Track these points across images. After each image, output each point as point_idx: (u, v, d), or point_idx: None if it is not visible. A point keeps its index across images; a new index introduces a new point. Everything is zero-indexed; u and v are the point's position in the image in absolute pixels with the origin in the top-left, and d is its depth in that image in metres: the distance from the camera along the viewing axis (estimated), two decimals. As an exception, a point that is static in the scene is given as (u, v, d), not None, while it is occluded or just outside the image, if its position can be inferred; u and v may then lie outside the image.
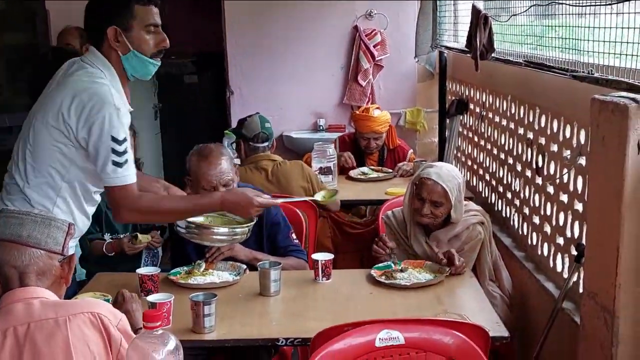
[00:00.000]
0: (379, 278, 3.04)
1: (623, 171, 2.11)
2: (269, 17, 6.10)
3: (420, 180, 3.26)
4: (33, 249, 1.95)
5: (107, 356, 1.91)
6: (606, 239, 2.24)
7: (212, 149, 3.31)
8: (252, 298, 2.94)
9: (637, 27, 2.55)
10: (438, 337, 2.25)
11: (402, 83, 6.24)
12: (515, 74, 3.81)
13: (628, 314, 2.19)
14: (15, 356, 1.83)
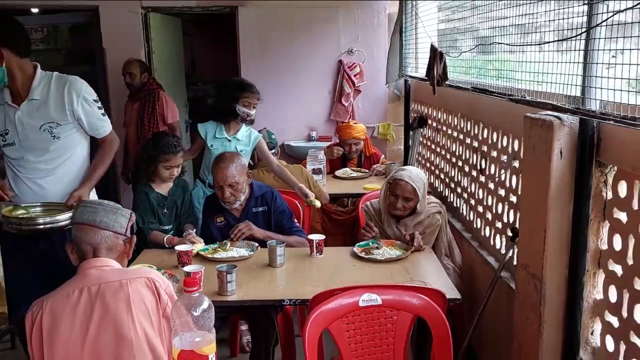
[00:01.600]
0: (360, 254, 3.08)
1: (550, 172, 2.15)
2: (273, 52, 6.12)
3: (394, 180, 3.29)
4: (104, 231, 2.06)
5: (157, 311, 1.98)
6: (536, 224, 2.27)
7: (225, 157, 3.34)
8: (263, 269, 2.98)
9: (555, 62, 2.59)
10: (407, 298, 2.28)
11: (375, 103, 6.25)
12: (464, 97, 3.83)
13: (553, 280, 2.22)
14: (88, 308, 1.90)
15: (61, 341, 1.89)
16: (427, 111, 4.95)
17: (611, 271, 2.12)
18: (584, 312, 2.22)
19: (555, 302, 2.23)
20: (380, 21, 6.15)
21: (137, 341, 1.91)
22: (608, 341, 2.15)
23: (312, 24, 6.10)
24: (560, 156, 2.13)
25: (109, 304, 1.91)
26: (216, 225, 3.45)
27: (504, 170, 3.18)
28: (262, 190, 3.51)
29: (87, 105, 2.90)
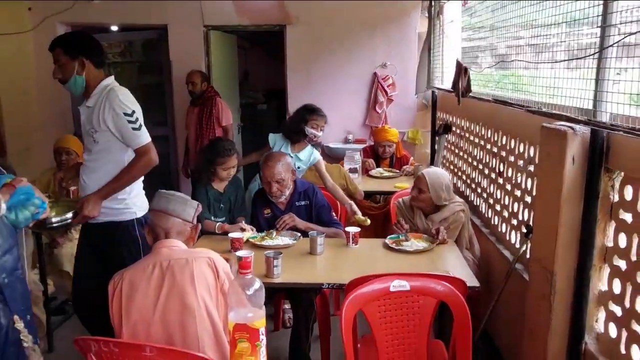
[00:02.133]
0: (391, 245, 3.06)
1: (562, 176, 2.12)
2: (316, 65, 6.13)
3: (417, 176, 3.30)
4: (174, 218, 2.16)
5: (215, 286, 2.06)
6: (549, 222, 2.24)
7: (274, 157, 3.37)
8: (305, 256, 2.99)
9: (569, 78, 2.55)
10: (432, 285, 2.26)
11: (406, 111, 6.21)
12: (485, 107, 3.78)
13: (562, 273, 2.19)
14: (160, 279, 2.01)
15: (137, 305, 1.99)
16: (452, 119, 4.90)
17: (616, 266, 2.10)
18: (590, 301, 2.20)
19: (564, 292, 2.21)
20: (411, 39, 6.11)
21: (198, 309, 1.98)
22: (611, 328, 2.13)
23: (351, 40, 6.09)
24: (572, 162, 2.10)
25: (176, 277, 1.99)
26: (264, 216, 3.48)
27: (520, 174, 3.14)
28: (304, 186, 3.53)
29: (116, 117, 2.75)
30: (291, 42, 6.12)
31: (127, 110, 2.75)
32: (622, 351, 2.04)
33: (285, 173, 3.33)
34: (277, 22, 6.12)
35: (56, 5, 5.92)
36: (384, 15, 6.02)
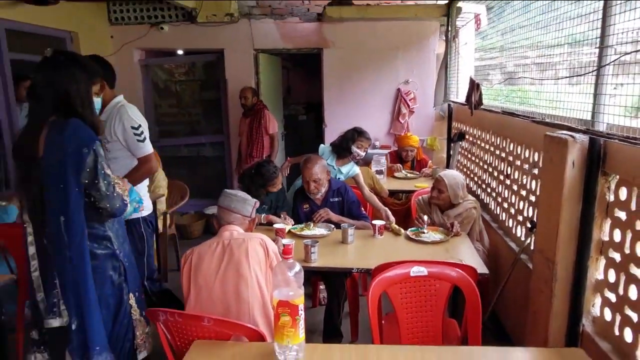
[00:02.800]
0: (412, 236, 3.04)
1: (563, 178, 2.08)
2: (348, 81, 6.11)
3: (436, 178, 3.27)
4: (235, 214, 2.27)
5: (265, 262, 2.15)
6: (551, 218, 2.19)
7: (312, 160, 3.38)
8: (337, 244, 2.98)
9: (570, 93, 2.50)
10: (447, 271, 2.25)
11: (425, 121, 6.14)
12: (495, 118, 3.71)
13: (563, 263, 2.15)
14: (221, 254, 2.13)
15: (202, 273, 2.10)
16: (465, 128, 4.84)
17: (611, 258, 2.05)
18: (587, 288, 2.16)
19: (564, 280, 2.16)
20: (430, 59, 6.04)
21: (250, 279, 2.06)
22: (606, 312, 2.08)
23: (378, 61, 6.06)
24: (572, 166, 2.06)
25: (234, 252, 2.09)
26: (303, 210, 3.49)
27: (525, 176, 3.08)
28: (337, 185, 3.53)
29: (124, 129, 2.67)
30: (327, 63, 6.14)
31: (134, 124, 2.70)
32: (616, 333, 1.99)
33: (321, 174, 3.34)
34: (315, 46, 6.13)
35: (133, 33, 6.08)
36: (406, 39, 5.98)
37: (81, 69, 1.97)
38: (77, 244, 1.87)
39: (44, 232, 1.92)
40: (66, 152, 1.83)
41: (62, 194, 1.84)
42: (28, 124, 1.98)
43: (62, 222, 1.85)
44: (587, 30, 2.34)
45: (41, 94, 1.91)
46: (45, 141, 1.88)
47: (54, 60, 1.93)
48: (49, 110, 1.90)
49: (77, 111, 1.91)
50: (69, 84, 1.90)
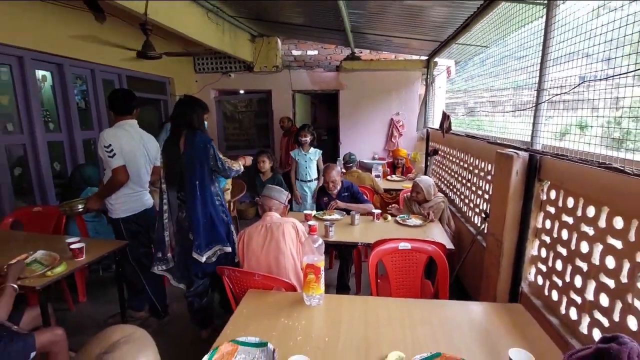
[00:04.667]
0: (400, 222, 2.98)
1: (509, 183, 2.02)
2: (356, 113, 6.09)
3: (413, 183, 3.21)
4: (274, 200, 2.19)
5: (296, 239, 2.09)
6: (500, 211, 2.14)
7: (330, 167, 3.35)
8: (348, 225, 2.94)
9: (512, 122, 2.42)
10: (425, 246, 2.21)
11: (410, 141, 6.06)
12: (460, 140, 3.62)
13: (508, 242, 2.10)
14: (264, 233, 2.09)
15: (252, 248, 2.06)
16: (438, 146, 4.75)
17: (543, 240, 1.99)
18: (525, 261, 2.09)
19: (508, 255, 2.10)
20: (414, 97, 5.96)
21: (285, 251, 2.02)
22: (539, 279, 2.02)
23: (377, 99, 6.01)
24: (516, 174, 2.00)
25: (274, 232, 2.04)
26: (323, 201, 3.46)
27: (481, 180, 3.01)
28: (347, 184, 3.47)
29: (100, 148, 2.40)
30: (342, 100, 6.11)
31: (107, 143, 2.38)
32: (545, 293, 1.93)
33: (336, 177, 3.30)
34: (334, 88, 6.12)
35: (210, 79, 6.16)
36: (398, 83, 5.91)
37: (198, 105, 2.33)
38: (205, 196, 2.29)
39: (180, 192, 2.32)
40: (198, 148, 2.24)
41: (198, 170, 2.25)
42: (171, 135, 2.34)
43: (197, 185, 2.26)
44: (525, 79, 2.29)
45: (178, 118, 2.30)
46: (185, 143, 2.27)
47: (184, 101, 2.34)
48: (183, 127, 2.29)
49: (196, 128, 2.27)
50: (192, 113, 2.29)
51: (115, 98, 2.53)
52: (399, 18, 3.49)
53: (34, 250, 2.17)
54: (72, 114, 3.85)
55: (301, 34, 5.36)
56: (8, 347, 1.73)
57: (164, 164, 2.35)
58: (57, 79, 3.76)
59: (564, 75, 1.85)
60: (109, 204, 2.54)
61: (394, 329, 1.49)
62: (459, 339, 1.43)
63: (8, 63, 3.26)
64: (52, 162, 3.72)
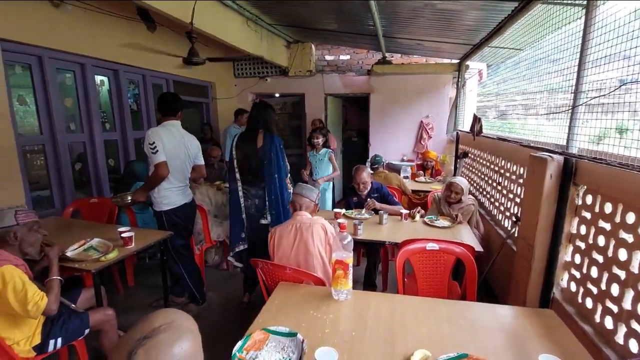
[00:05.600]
0: (428, 222, 2.90)
1: (543, 186, 1.92)
2: (386, 115, 5.99)
3: (451, 183, 3.07)
4: (305, 198, 2.15)
5: (325, 240, 2.06)
6: (532, 214, 2.03)
7: (361, 168, 3.29)
8: (376, 225, 2.90)
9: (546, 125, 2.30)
10: (453, 247, 2.14)
11: (440, 143, 5.89)
12: (491, 142, 3.48)
13: (539, 247, 1.99)
14: (294, 233, 2.05)
15: (282, 247, 2.05)
16: (468, 149, 4.59)
17: (577, 245, 1.87)
18: (557, 267, 1.97)
19: (540, 259, 2.00)
20: (445, 101, 5.78)
21: (314, 252, 2.01)
22: (572, 285, 1.90)
23: (407, 102, 5.89)
24: (550, 178, 1.89)
25: (303, 233, 2.02)
26: (352, 201, 3.43)
27: (513, 183, 2.87)
28: (376, 185, 3.42)
29: (145, 145, 2.48)
30: (373, 103, 6.04)
31: (150, 140, 2.45)
32: (579, 300, 1.82)
33: (367, 178, 3.26)
34: (365, 92, 6.06)
35: (248, 83, 6.31)
36: (428, 87, 5.76)
37: (272, 109, 2.71)
38: (282, 186, 2.67)
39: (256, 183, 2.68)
40: (276, 146, 2.63)
41: (275, 164, 2.63)
42: (247, 132, 2.69)
43: (276, 178, 2.63)
44: (560, 82, 2.17)
45: (257, 119, 2.66)
46: (263, 140, 2.64)
47: (261, 105, 2.70)
48: (258, 127, 2.65)
49: (270, 128, 2.66)
50: (266, 115, 2.65)
51: (163, 100, 2.62)
52: (431, 22, 3.41)
53: (90, 237, 2.32)
54: (126, 115, 4.07)
55: (334, 39, 5.37)
56: (67, 322, 1.86)
57: (238, 157, 2.66)
58: (113, 83, 3.99)
59: (602, 78, 1.74)
60: (153, 197, 2.62)
61: (421, 327, 1.46)
62: (487, 341, 1.38)
63: (72, 69, 3.51)
64: (107, 159, 3.95)
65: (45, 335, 1.78)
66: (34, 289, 1.65)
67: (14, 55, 2.95)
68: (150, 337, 0.72)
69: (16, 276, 1.60)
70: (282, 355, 1.29)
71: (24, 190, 2.94)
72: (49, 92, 3.22)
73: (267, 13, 4.28)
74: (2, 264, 1.60)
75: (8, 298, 1.58)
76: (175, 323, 0.75)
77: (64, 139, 3.37)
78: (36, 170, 3.31)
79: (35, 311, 1.63)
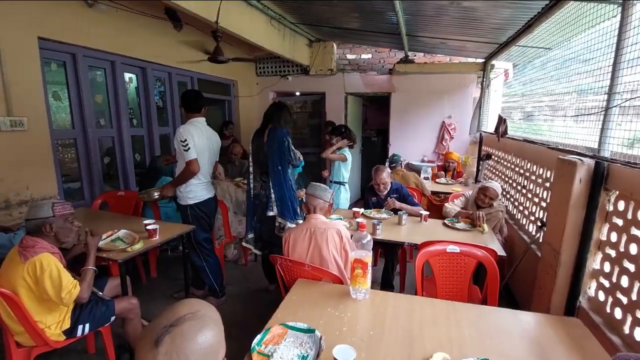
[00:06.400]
0: (448, 224, 2.85)
1: (571, 191, 1.85)
2: (407, 115, 5.91)
3: (485, 187, 2.95)
4: (319, 199, 2.09)
5: (340, 245, 2.01)
6: (559, 219, 1.96)
7: (381, 169, 3.24)
8: (395, 225, 2.86)
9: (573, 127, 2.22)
10: (475, 251, 2.09)
11: (462, 144, 5.76)
12: (516, 144, 3.38)
13: (566, 253, 1.92)
14: (309, 239, 2.00)
15: (296, 251, 2.02)
16: (492, 150, 4.48)
17: (607, 253, 1.79)
18: (585, 275, 1.90)
19: (566, 266, 1.93)
20: (468, 101, 5.65)
21: (329, 258, 1.97)
22: (600, 294, 1.83)
23: (429, 101, 5.79)
24: (579, 182, 1.82)
25: (317, 238, 1.99)
26: (372, 201, 3.40)
27: (538, 187, 2.78)
28: (396, 186, 3.38)
29: (177, 142, 2.54)
30: (394, 102, 5.97)
31: (183, 138, 2.52)
32: (607, 310, 1.74)
33: (387, 178, 3.22)
34: (386, 91, 6.00)
35: (269, 81, 6.36)
36: (451, 86, 5.65)
37: (286, 108, 2.79)
38: (284, 177, 2.72)
39: (264, 173, 2.77)
40: (279, 140, 2.66)
41: (278, 157, 2.68)
42: (260, 128, 2.80)
43: (279, 169, 2.69)
44: (591, 83, 2.08)
45: (270, 115, 2.75)
46: (268, 135, 2.71)
47: (275, 104, 2.80)
48: (269, 122, 2.74)
49: (280, 124, 2.71)
50: (282, 113, 2.74)
51: (188, 97, 2.68)
52: (457, 20, 3.34)
53: (117, 229, 2.41)
54: (152, 111, 4.19)
55: (357, 38, 5.33)
56: (94, 309, 1.93)
57: (253, 150, 2.78)
58: (141, 80, 4.11)
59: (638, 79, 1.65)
60: (179, 192, 2.70)
61: (440, 330, 1.44)
62: (508, 347, 1.34)
63: (103, 67, 3.63)
64: (134, 153, 4.07)
65: (75, 320, 1.86)
66: (68, 277, 1.72)
67: (51, 53, 3.09)
68: (176, 325, 0.74)
69: (52, 264, 1.68)
70: (300, 350, 1.29)
71: (57, 182, 3.08)
72: (81, 88, 3.35)
73: (290, 12, 4.30)
74: (40, 252, 1.68)
75: (45, 285, 1.66)
76: (200, 312, 0.77)
77: (94, 134, 3.50)
78: (67, 163, 3.45)
79: (69, 299, 1.70)
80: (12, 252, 1.73)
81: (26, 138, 2.82)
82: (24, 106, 2.79)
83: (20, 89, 2.76)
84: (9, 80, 2.68)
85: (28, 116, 2.82)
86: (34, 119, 2.86)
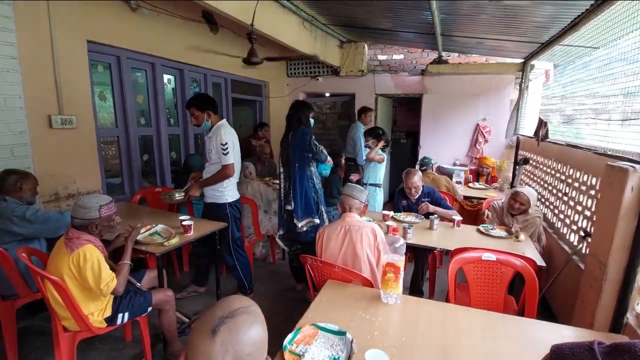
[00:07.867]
0: (483, 231, 2.75)
1: (622, 199, 1.73)
2: (439, 117, 5.77)
3: (517, 192, 2.85)
4: (354, 199, 2.09)
5: (374, 245, 2.00)
6: (607, 230, 1.84)
7: (412, 172, 3.18)
8: (426, 229, 2.80)
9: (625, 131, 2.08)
10: (512, 260, 2.01)
11: (497, 148, 5.56)
12: (558, 149, 3.21)
13: (613, 265, 1.81)
14: (343, 236, 2.00)
15: (329, 249, 2.02)
16: (530, 155, 4.28)
17: (662, 268, 1.66)
18: (634, 290, 1.77)
19: (613, 280, 1.81)
20: (505, 103, 5.44)
21: (362, 256, 1.96)
22: (652, 312, 1.69)
23: (463, 103, 5.63)
24: (631, 190, 1.71)
25: (352, 236, 1.99)
26: (402, 204, 3.35)
27: (581, 194, 2.63)
28: (428, 189, 3.31)
29: (217, 145, 2.60)
30: (425, 104, 5.86)
31: (224, 142, 2.58)
32: (660, 330, 1.61)
33: (418, 182, 3.15)
34: (417, 92, 5.89)
35: (300, 82, 6.42)
36: (487, 88, 5.46)
37: (305, 106, 2.81)
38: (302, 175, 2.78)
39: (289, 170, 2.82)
40: (301, 138, 2.71)
41: (298, 155, 2.75)
42: (285, 129, 2.85)
43: (297, 166, 2.75)
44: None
45: (291, 117, 2.81)
46: (292, 135, 2.76)
47: (295, 104, 2.84)
48: (293, 123, 2.79)
49: (302, 124, 2.75)
50: (302, 113, 2.77)
51: (211, 100, 2.70)
52: (495, 19, 3.22)
53: (155, 223, 2.51)
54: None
55: (388, 39, 5.27)
56: (133, 299, 2.02)
57: (280, 152, 2.90)
58: (178, 82, 4.27)
59: None
60: (217, 191, 2.74)
61: (475, 340, 1.39)
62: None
63: (144, 69, 3.81)
64: (170, 152, 4.24)
65: (115, 309, 1.96)
66: (108, 270, 1.83)
67: (98, 55, 3.27)
68: (232, 317, 0.77)
69: (95, 256, 1.78)
70: (332, 352, 1.29)
71: (100, 177, 3.26)
72: (125, 89, 3.52)
73: (322, 13, 4.32)
74: (84, 244, 1.79)
75: (86, 275, 1.76)
76: (250, 308, 0.81)
77: (135, 132, 3.67)
78: (109, 159, 3.64)
79: (106, 290, 1.80)
80: (59, 242, 1.85)
81: (75, 135, 3.01)
82: (73, 105, 2.98)
83: (70, 89, 2.94)
84: (61, 81, 2.87)
85: (77, 115, 3.00)
86: (82, 117, 3.04)
